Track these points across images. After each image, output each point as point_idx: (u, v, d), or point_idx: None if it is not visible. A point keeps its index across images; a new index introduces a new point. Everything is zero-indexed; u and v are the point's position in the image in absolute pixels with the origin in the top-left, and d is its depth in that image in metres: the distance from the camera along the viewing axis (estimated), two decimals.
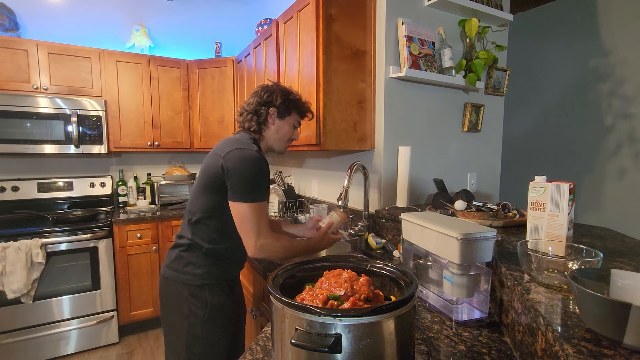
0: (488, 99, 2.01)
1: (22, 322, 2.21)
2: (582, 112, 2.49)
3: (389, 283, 0.70)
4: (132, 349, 2.45)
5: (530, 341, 0.66)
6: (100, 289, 2.42)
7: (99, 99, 2.58)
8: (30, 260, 2.12)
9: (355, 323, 0.51)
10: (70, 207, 2.76)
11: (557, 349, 0.51)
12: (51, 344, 2.30)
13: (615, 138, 2.33)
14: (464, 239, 0.83)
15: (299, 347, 0.50)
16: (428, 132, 1.81)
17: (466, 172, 1.98)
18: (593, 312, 0.50)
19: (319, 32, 1.52)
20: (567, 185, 0.85)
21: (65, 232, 2.30)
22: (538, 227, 0.90)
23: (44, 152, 2.45)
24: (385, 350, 0.53)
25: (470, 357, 0.74)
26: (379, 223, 1.67)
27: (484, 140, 2.04)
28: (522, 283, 0.74)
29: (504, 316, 0.85)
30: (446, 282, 0.91)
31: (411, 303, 0.57)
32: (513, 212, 1.29)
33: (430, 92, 1.79)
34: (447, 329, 0.86)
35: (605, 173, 2.36)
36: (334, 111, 1.58)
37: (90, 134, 2.56)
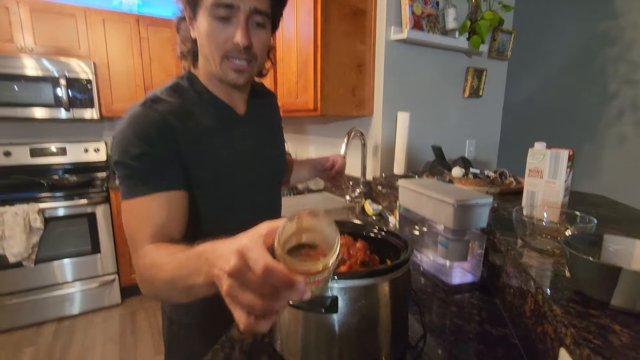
0: (491, 63, 1.95)
1: (25, 284, 2.27)
2: (586, 78, 2.43)
3: (385, 248, 0.71)
4: (134, 310, 2.54)
5: (519, 303, 0.69)
6: (101, 253, 2.47)
7: (87, 61, 2.48)
8: (29, 225, 2.14)
9: (352, 285, 0.52)
10: (65, 172, 2.74)
11: (545, 310, 0.53)
12: (56, 305, 2.38)
13: (617, 105, 2.29)
14: (459, 205, 0.83)
15: (296, 307, 0.51)
16: (428, 98, 1.77)
17: (465, 139, 1.97)
18: (584, 275, 0.51)
19: None
20: (567, 152, 0.85)
21: (62, 197, 2.30)
22: (534, 194, 0.90)
23: (35, 117, 2.39)
24: (380, 311, 0.54)
25: (462, 317, 0.77)
26: (376, 190, 1.68)
27: (485, 107, 2.00)
28: (515, 248, 0.75)
29: (495, 280, 0.88)
30: (440, 247, 0.92)
31: (406, 266, 0.57)
32: (510, 180, 1.29)
33: (432, 56, 1.73)
34: (440, 291, 0.89)
35: (605, 141, 2.35)
36: (332, 75, 1.53)
37: (80, 97, 2.48)
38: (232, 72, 0.69)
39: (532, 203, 0.90)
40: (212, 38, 0.66)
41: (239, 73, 0.69)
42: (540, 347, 0.57)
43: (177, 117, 0.66)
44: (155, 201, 0.62)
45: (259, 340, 0.67)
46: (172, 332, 0.83)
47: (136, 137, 0.61)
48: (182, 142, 0.66)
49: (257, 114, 0.84)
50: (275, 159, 0.90)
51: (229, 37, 0.65)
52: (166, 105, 0.66)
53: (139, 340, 2.21)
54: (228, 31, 0.65)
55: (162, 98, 0.67)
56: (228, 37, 0.65)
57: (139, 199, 0.62)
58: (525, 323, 0.65)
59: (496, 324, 0.74)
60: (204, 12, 0.65)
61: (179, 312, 0.81)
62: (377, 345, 0.56)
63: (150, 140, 0.62)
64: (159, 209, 0.62)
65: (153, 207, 0.62)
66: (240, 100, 0.79)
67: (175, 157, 0.65)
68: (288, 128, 2.66)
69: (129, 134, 0.62)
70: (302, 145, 2.49)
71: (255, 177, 0.79)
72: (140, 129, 0.62)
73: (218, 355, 0.63)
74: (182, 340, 0.81)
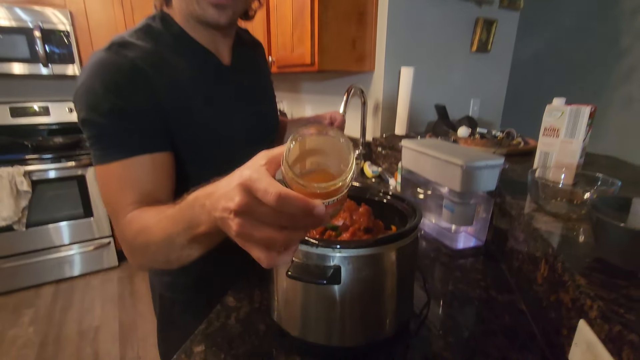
0: (502, 13, 1.80)
1: (19, 247, 2.24)
2: (598, 32, 2.29)
3: (389, 212, 0.66)
4: (132, 272, 2.55)
5: (529, 269, 0.65)
6: (94, 216, 2.42)
7: (63, 10, 2.27)
8: (16, 188, 2.07)
9: (355, 255, 0.47)
10: (49, 133, 2.62)
11: (566, 279, 0.49)
12: (53, 268, 2.38)
13: (628, 63, 2.18)
14: (468, 166, 0.77)
15: (295, 279, 0.46)
16: (433, 52, 1.65)
17: (469, 98, 1.87)
18: (613, 242, 0.46)
19: None
20: (588, 108, 0.78)
21: (48, 160, 2.21)
22: (548, 155, 0.84)
23: (10, 73, 2.23)
24: (385, 282, 0.50)
25: (466, 283, 0.74)
26: (376, 151, 1.61)
27: (492, 63, 1.88)
28: (527, 211, 0.71)
29: (502, 244, 0.84)
30: (445, 211, 0.88)
31: (414, 234, 0.52)
32: (518, 140, 1.23)
33: (439, 4, 1.58)
34: (443, 256, 0.86)
35: (612, 100, 2.27)
36: (330, 25, 1.40)
37: (59, 52, 2.30)
38: (211, 8, 0.57)
39: (546, 164, 0.84)
40: None
41: (221, 9, 0.58)
42: (552, 316, 0.54)
43: (150, 65, 0.56)
44: (136, 165, 0.54)
45: (255, 308, 0.64)
46: (164, 308, 0.79)
47: (104, 88, 0.51)
48: (158, 93, 0.56)
49: (245, 64, 0.74)
50: (266, 115, 0.81)
51: None
52: (137, 50, 0.56)
53: (137, 301, 2.24)
54: None
55: (131, 42, 0.56)
56: None
57: (117, 163, 0.53)
58: (535, 290, 0.61)
59: (502, 289, 0.72)
60: None
61: (169, 287, 0.76)
62: (380, 316, 0.52)
63: (121, 91, 0.52)
64: (142, 174, 0.54)
65: (135, 171, 0.54)
66: (225, 47, 0.69)
67: (152, 111, 0.55)
68: (282, 86, 2.52)
69: (95, 85, 0.51)
70: (298, 105, 2.38)
71: (243, 136, 0.71)
72: (109, 79, 0.52)
73: (213, 325, 0.60)
74: (175, 317, 0.78)
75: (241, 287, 0.71)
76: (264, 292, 0.69)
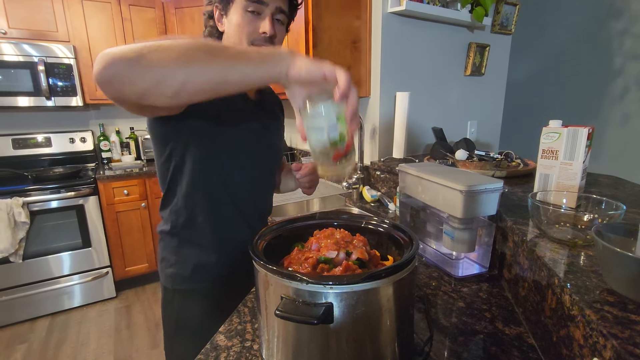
0: (494, 38, 1.84)
1: (15, 280, 2.19)
2: (591, 54, 2.33)
3: (386, 241, 0.63)
4: (129, 303, 2.49)
5: (536, 299, 0.62)
6: (92, 246, 2.39)
7: (67, 44, 2.34)
8: (14, 219, 2.05)
9: (349, 291, 0.44)
10: (51, 164, 2.63)
11: (575, 313, 0.46)
12: (49, 300, 2.32)
13: (622, 82, 2.20)
14: (468, 191, 0.75)
15: (284, 318, 0.43)
16: (428, 77, 1.67)
17: (466, 120, 1.88)
18: (620, 272, 0.43)
19: None
20: (585, 130, 0.77)
21: (47, 190, 2.20)
22: (548, 177, 0.82)
23: (14, 106, 2.27)
24: (382, 318, 0.47)
25: (470, 314, 0.70)
26: (374, 175, 1.60)
27: (487, 85, 1.90)
28: (530, 237, 0.68)
29: (505, 271, 0.81)
30: (446, 237, 0.85)
31: (411, 265, 0.50)
32: (516, 162, 1.21)
33: (432, 30, 1.62)
34: (446, 284, 0.82)
35: (608, 119, 2.27)
36: (325, 53, 1.42)
37: (62, 85, 2.35)
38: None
39: (546, 187, 0.82)
40: (242, 28, 0.76)
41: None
42: (564, 352, 0.50)
43: None
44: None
45: (247, 347, 0.60)
46: (166, 299, 0.89)
47: None
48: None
49: (266, 103, 0.92)
50: (275, 147, 0.96)
51: (257, 28, 0.76)
52: None
53: (134, 333, 2.16)
54: (256, 23, 0.76)
55: None
56: (256, 27, 0.76)
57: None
58: (544, 323, 0.58)
59: (509, 321, 0.68)
60: (236, 8, 0.76)
61: (170, 279, 0.86)
62: (379, 356, 0.49)
63: None
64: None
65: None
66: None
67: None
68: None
69: None
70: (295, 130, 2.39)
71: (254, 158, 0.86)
72: None
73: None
74: (175, 305, 0.87)
75: (233, 322, 0.68)
76: (256, 330, 0.65)
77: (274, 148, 0.95)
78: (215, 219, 0.83)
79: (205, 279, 0.86)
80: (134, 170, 2.49)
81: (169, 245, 0.86)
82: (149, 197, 2.54)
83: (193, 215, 0.81)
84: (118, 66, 0.49)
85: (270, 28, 0.75)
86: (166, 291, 0.88)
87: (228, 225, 0.85)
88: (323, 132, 0.54)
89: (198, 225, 0.82)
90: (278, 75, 0.54)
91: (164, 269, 0.87)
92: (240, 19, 0.75)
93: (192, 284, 0.85)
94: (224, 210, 0.83)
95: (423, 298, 0.76)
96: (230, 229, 0.85)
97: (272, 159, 0.95)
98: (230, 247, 0.85)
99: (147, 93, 0.51)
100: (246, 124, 0.84)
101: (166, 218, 0.85)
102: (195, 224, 0.82)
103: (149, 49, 0.49)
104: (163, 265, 0.87)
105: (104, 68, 0.49)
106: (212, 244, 0.84)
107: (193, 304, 0.86)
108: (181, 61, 0.49)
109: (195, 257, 0.84)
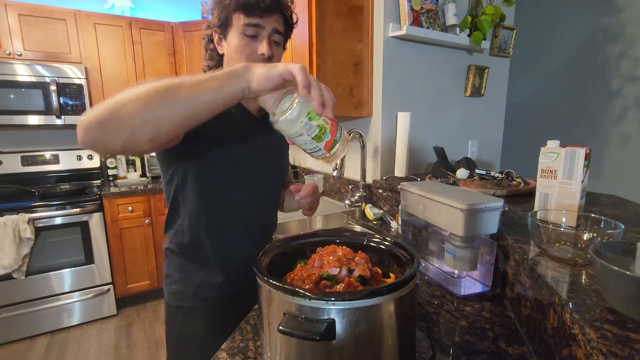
0: (493, 60, 1.89)
1: (17, 297, 2.19)
2: (589, 76, 2.37)
3: (387, 259, 0.64)
4: (130, 321, 2.46)
5: (539, 318, 0.62)
6: (94, 263, 2.39)
7: (79, 66, 2.42)
8: (19, 235, 2.07)
9: (351, 307, 0.45)
10: (58, 180, 2.67)
11: (576, 332, 0.46)
12: (49, 318, 2.30)
13: (621, 103, 2.23)
14: (469, 209, 0.76)
15: (287, 334, 0.44)
16: (428, 97, 1.71)
17: (467, 140, 1.90)
18: (619, 291, 0.44)
19: None
20: (583, 150, 0.78)
21: (53, 206, 2.23)
22: (548, 196, 0.84)
23: (26, 124, 2.33)
24: (384, 335, 0.48)
25: (473, 333, 0.70)
26: (376, 193, 1.61)
27: (487, 106, 1.94)
28: (531, 256, 0.69)
29: (508, 290, 0.81)
30: (447, 255, 0.86)
31: (412, 283, 0.51)
32: (517, 181, 1.23)
33: (432, 53, 1.67)
34: (448, 303, 0.82)
35: (608, 139, 2.29)
36: (328, 75, 1.47)
37: (72, 104, 2.42)
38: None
39: (546, 206, 0.83)
40: (241, 51, 0.78)
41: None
42: None
43: None
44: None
45: None
46: (169, 316, 0.91)
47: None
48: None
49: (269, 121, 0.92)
50: (279, 164, 0.97)
51: (255, 50, 0.78)
52: None
53: (134, 353, 2.13)
54: (254, 45, 0.79)
55: None
56: (254, 50, 0.78)
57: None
58: (547, 342, 0.58)
59: (512, 340, 0.67)
60: (234, 32, 0.79)
61: (174, 296, 0.88)
62: None
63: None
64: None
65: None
66: (256, 105, 0.87)
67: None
68: None
69: None
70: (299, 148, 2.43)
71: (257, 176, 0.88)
72: None
73: None
74: (178, 321, 0.89)
75: (235, 339, 0.68)
76: (258, 347, 0.65)
77: (278, 166, 0.97)
78: (219, 240, 0.85)
79: (208, 297, 0.87)
80: (139, 187, 2.52)
81: (173, 263, 0.88)
82: (153, 213, 2.56)
83: (197, 236, 0.83)
84: (94, 131, 0.54)
85: (268, 50, 0.78)
86: (169, 308, 0.90)
87: (232, 245, 0.86)
88: (303, 136, 0.56)
89: (202, 246, 0.84)
90: (242, 93, 0.56)
91: (168, 285, 0.89)
92: (238, 42, 0.78)
93: (195, 301, 0.86)
94: (228, 230, 0.85)
95: (425, 317, 0.76)
96: (234, 249, 0.86)
97: (275, 177, 0.96)
98: (233, 267, 0.87)
99: (126, 145, 0.55)
100: (248, 142, 0.85)
101: (171, 238, 0.87)
102: (200, 244, 0.84)
103: (117, 106, 0.53)
104: (167, 282, 0.89)
105: (84, 136, 0.54)
106: (216, 264, 0.86)
107: (196, 321, 0.87)
108: (146, 110, 0.53)
109: (199, 275, 0.86)
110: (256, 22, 0.77)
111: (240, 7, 0.76)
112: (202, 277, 0.86)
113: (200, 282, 0.86)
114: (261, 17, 0.77)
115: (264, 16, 0.77)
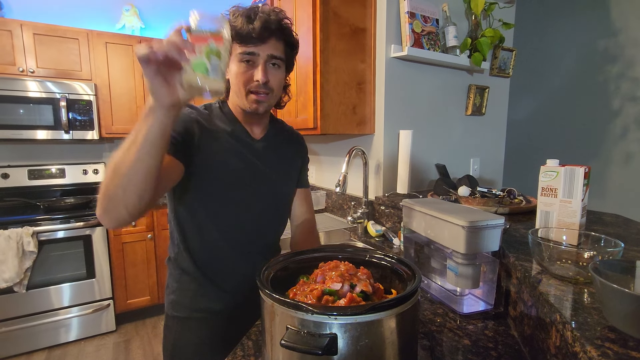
0: (493, 80, 1.92)
1: (16, 311, 2.18)
2: (589, 95, 2.41)
3: (389, 275, 0.65)
4: (129, 337, 2.43)
5: (542, 337, 0.62)
6: (95, 277, 2.39)
7: (89, 83, 2.49)
8: (22, 249, 2.08)
9: (353, 322, 0.45)
10: (63, 194, 2.70)
11: (577, 350, 0.46)
12: (48, 333, 2.28)
13: (622, 122, 2.25)
14: (470, 227, 0.77)
15: (289, 348, 0.44)
16: (430, 116, 1.74)
17: (469, 158, 1.92)
18: (619, 309, 0.44)
19: (316, 7, 1.43)
20: (582, 169, 0.79)
21: (57, 220, 2.24)
22: (549, 214, 0.84)
23: (34, 138, 2.38)
24: (386, 351, 0.48)
25: (476, 352, 0.69)
26: (379, 210, 1.62)
27: (488, 124, 1.97)
28: (532, 274, 0.69)
29: (511, 308, 0.80)
30: (450, 273, 0.86)
31: (414, 299, 0.51)
32: (519, 199, 1.23)
33: (433, 73, 1.71)
34: (451, 321, 0.82)
35: (610, 158, 2.30)
36: (332, 93, 1.50)
37: (80, 119, 2.47)
38: (254, 103, 0.85)
39: (547, 224, 0.84)
40: (239, 77, 0.84)
41: (259, 103, 0.85)
42: None
43: (201, 118, 0.86)
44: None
45: None
46: (167, 325, 0.93)
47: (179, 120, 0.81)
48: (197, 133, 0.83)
49: (273, 143, 0.96)
50: (280, 186, 0.97)
51: (252, 76, 0.83)
52: (198, 111, 0.88)
53: None
54: (251, 72, 0.83)
55: (198, 108, 0.90)
56: (251, 76, 0.83)
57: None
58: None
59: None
60: (234, 59, 0.83)
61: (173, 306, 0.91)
62: None
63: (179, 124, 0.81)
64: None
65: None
66: (257, 126, 0.94)
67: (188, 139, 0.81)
68: None
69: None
70: None
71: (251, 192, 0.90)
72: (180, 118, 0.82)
73: None
74: (173, 330, 0.91)
75: (236, 355, 0.68)
76: None
77: (278, 187, 0.97)
78: (216, 261, 0.89)
79: (203, 309, 0.90)
80: None
81: (172, 273, 0.93)
82: (156, 228, 2.57)
83: (195, 257, 0.88)
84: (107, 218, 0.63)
85: (263, 76, 0.82)
86: (167, 317, 0.94)
87: (229, 267, 0.90)
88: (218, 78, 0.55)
89: (200, 265, 0.89)
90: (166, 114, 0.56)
91: (167, 295, 0.94)
92: (237, 68, 0.83)
93: (190, 312, 0.90)
94: (225, 252, 0.89)
95: (428, 335, 0.76)
96: (231, 271, 0.90)
97: (278, 195, 0.98)
98: (229, 288, 0.90)
99: (132, 212, 0.62)
100: (245, 165, 0.89)
101: (170, 250, 0.93)
102: (197, 264, 0.89)
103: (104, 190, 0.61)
104: (167, 292, 0.94)
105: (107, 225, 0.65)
106: (210, 282, 0.90)
107: (190, 333, 0.90)
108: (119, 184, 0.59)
109: (194, 287, 0.90)
110: (250, 50, 0.81)
111: (235, 38, 0.81)
112: (196, 289, 0.90)
113: (195, 294, 0.90)
114: (255, 45, 0.81)
115: (258, 44, 0.81)
